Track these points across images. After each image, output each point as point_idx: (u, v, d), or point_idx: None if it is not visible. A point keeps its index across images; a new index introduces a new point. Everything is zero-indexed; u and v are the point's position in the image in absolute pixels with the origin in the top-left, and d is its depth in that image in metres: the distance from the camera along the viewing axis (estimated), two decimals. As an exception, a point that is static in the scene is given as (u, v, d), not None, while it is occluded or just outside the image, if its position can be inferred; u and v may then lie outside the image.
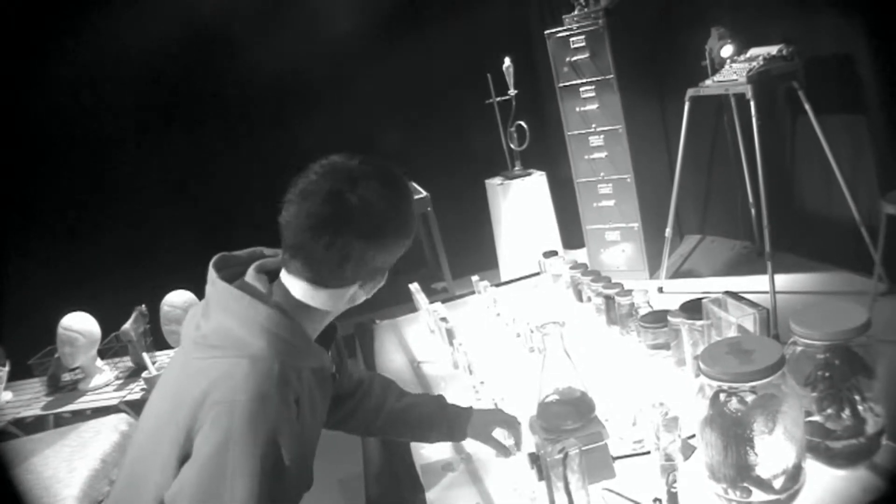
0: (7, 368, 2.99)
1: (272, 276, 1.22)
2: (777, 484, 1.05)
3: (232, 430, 1.05)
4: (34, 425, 2.83)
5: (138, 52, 3.64)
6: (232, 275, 1.22)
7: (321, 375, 1.25)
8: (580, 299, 2.02)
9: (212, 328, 1.15)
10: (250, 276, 1.21)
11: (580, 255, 4.48)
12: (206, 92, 4.11)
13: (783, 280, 3.54)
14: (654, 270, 4.16)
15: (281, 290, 1.18)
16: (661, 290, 3.97)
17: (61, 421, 2.83)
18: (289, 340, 1.14)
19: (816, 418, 1.12)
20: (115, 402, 2.75)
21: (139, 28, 3.61)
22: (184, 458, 1.08)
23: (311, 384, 1.21)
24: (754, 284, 3.59)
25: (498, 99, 4.33)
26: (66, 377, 3.02)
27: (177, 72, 3.98)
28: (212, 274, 1.20)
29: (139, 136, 4.04)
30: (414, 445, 1.50)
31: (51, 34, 3.47)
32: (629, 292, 1.75)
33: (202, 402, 1.08)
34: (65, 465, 2.37)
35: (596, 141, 4.09)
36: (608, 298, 1.79)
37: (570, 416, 1.24)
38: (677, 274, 4.19)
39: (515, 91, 4.28)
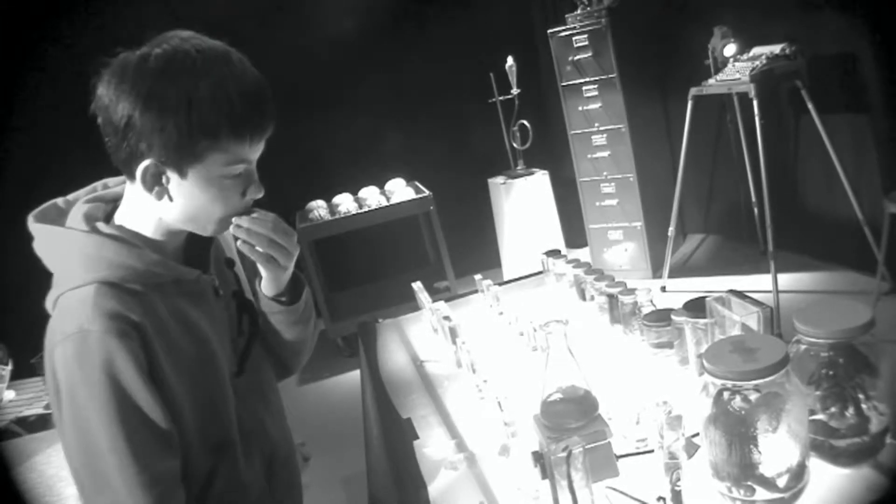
0: (10, 367, 2.99)
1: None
2: (781, 482, 1.04)
3: (59, 382, 1.02)
4: (36, 424, 2.83)
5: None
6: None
7: (193, 291, 1.16)
8: (583, 298, 2.01)
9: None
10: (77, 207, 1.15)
11: (583, 254, 4.48)
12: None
13: (786, 279, 3.54)
14: (656, 269, 4.16)
15: (123, 212, 1.15)
16: (664, 288, 3.97)
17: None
18: (112, 259, 1.06)
19: (820, 417, 1.12)
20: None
21: (140, 28, 3.61)
22: None
23: (177, 305, 1.12)
24: (757, 283, 3.59)
25: (501, 98, 4.33)
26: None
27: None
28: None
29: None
30: (417, 444, 1.50)
31: (50, 33, 3.48)
32: (632, 291, 1.74)
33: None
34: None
35: (599, 140, 4.09)
36: (611, 297, 1.79)
37: (573, 415, 1.24)
38: (680, 273, 4.19)
39: (518, 90, 4.29)
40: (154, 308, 1.08)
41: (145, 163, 1.04)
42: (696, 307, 1.45)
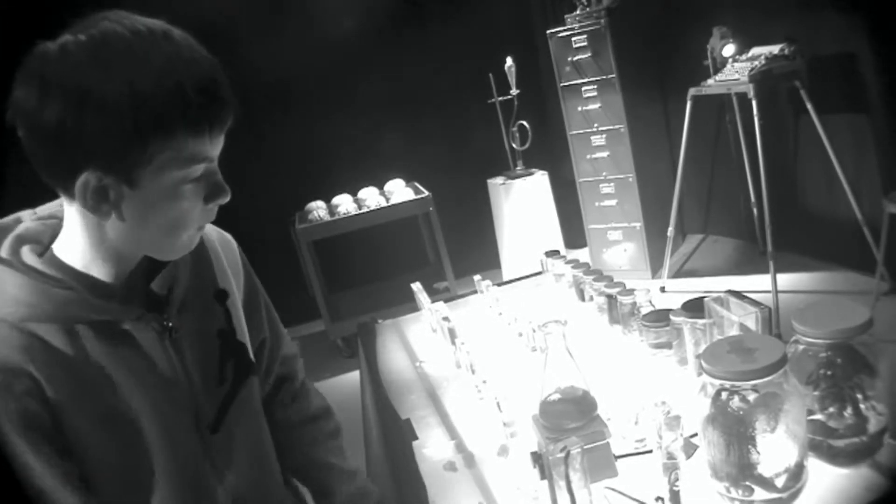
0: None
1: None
2: (779, 482, 1.05)
3: None
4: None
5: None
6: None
7: (115, 333, 0.96)
8: (582, 299, 2.02)
9: None
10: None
11: (582, 254, 4.48)
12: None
13: (785, 279, 3.54)
14: (656, 270, 4.16)
15: (61, 238, 0.98)
16: (663, 289, 3.98)
17: None
18: (13, 295, 0.91)
19: (819, 417, 1.12)
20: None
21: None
22: None
23: (96, 350, 0.94)
24: (757, 283, 3.59)
25: (500, 98, 4.33)
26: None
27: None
28: None
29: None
30: (416, 444, 1.50)
31: (49, 33, 3.47)
32: (631, 291, 1.75)
33: None
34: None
35: (598, 140, 4.09)
36: (610, 298, 1.79)
37: (572, 415, 1.24)
38: (679, 273, 4.20)
39: (517, 91, 4.29)
40: (62, 348, 0.92)
41: (84, 176, 0.86)
42: (695, 307, 1.45)
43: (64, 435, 0.91)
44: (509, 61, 4.25)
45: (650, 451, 1.26)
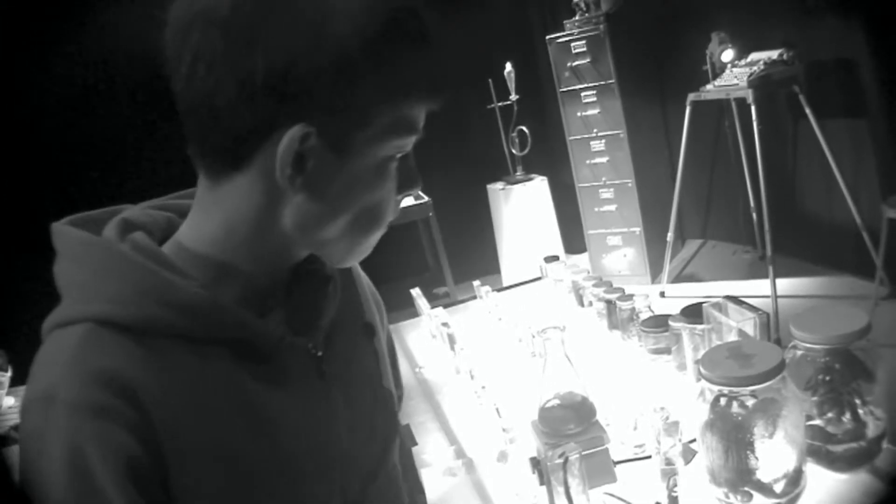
0: (9, 374, 2.99)
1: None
2: (778, 488, 1.05)
3: (22, 453, 0.64)
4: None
5: (136, 51, 3.64)
6: None
7: (258, 354, 0.71)
8: (581, 304, 2.02)
9: None
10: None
11: (582, 259, 4.48)
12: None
13: (785, 284, 3.54)
14: (656, 275, 4.16)
15: (191, 224, 0.74)
16: (663, 294, 3.98)
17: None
18: (120, 289, 0.66)
19: (817, 422, 1.12)
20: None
21: (139, 26, 3.61)
22: None
23: (229, 374, 0.69)
24: (756, 288, 3.59)
25: (499, 104, 4.34)
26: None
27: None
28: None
29: (139, 138, 4.04)
30: (415, 450, 1.50)
31: (48, 34, 3.48)
32: (630, 297, 1.75)
33: None
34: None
35: (597, 146, 4.10)
36: (609, 303, 1.79)
37: (570, 421, 1.24)
38: (679, 278, 4.20)
39: (517, 96, 4.29)
40: (185, 370, 0.67)
41: (291, 133, 0.63)
42: (694, 313, 1.45)
43: (171, 470, 0.65)
44: (509, 67, 4.25)
45: (649, 457, 1.26)
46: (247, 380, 0.70)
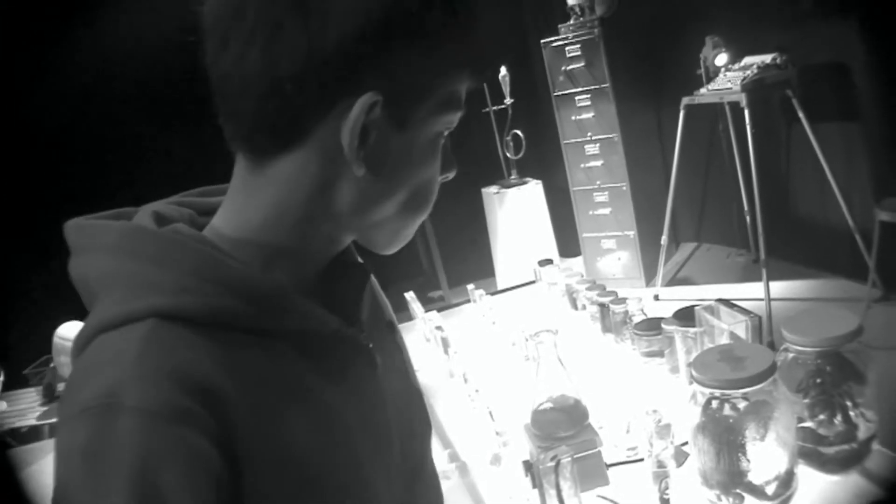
0: (2, 378, 2.98)
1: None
2: (769, 490, 1.05)
3: (57, 480, 0.55)
4: (29, 435, 2.82)
5: (135, 51, 3.64)
6: None
7: (317, 347, 0.66)
8: (575, 307, 2.02)
9: None
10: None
11: (576, 263, 4.49)
12: (208, 91, 4.10)
13: (778, 287, 3.55)
14: (650, 278, 4.17)
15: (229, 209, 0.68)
16: (657, 297, 3.98)
17: (56, 431, 2.81)
18: (181, 278, 0.59)
19: (808, 424, 1.13)
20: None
21: (138, 26, 3.61)
22: None
23: (291, 364, 0.64)
24: (750, 291, 3.60)
25: (494, 108, 4.34)
26: (62, 387, 3.01)
27: (178, 71, 3.96)
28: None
29: (138, 139, 4.03)
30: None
31: (47, 33, 3.47)
32: (623, 300, 1.75)
33: None
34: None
35: (592, 149, 4.11)
36: (602, 306, 1.80)
37: (563, 424, 1.24)
38: (673, 282, 4.21)
39: (511, 100, 4.30)
40: (250, 365, 0.61)
41: (361, 101, 0.59)
42: (686, 316, 1.46)
43: (243, 483, 0.57)
44: (503, 70, 4.26)
45: (641, 460, 1.26)
46: (311, 376, 0.65)
